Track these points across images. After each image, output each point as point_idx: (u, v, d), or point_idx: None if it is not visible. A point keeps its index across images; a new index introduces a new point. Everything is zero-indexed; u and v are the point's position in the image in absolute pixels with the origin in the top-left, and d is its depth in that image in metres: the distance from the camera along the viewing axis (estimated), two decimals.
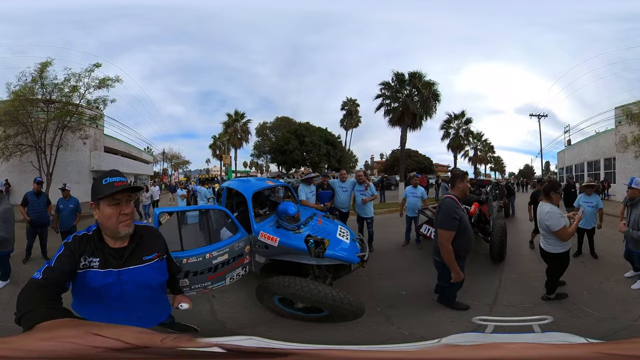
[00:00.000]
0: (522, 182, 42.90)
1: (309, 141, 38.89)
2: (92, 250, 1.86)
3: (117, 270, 1.88)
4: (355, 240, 5.20)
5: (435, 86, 22.13)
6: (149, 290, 2.05)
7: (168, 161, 51.92)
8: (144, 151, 37.15)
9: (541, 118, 32.78)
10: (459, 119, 34.30)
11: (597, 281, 5.61)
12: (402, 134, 22.06)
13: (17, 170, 17.02)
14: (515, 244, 8.03)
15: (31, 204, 7.08)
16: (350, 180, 7.88)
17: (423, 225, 7.62)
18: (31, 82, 15.34)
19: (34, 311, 1.39)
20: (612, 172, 24.07)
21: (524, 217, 9.03)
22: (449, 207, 3.98)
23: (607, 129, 26.12)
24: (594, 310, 4.41)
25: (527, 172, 63.78)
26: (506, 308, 4.66)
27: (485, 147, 43.98)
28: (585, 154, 29.21)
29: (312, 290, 3.82)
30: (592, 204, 6.68)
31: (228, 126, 39.09)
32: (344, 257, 4.48)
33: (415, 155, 46.09)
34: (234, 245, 4.46)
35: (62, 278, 1.74)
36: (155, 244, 2.11)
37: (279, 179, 25.70)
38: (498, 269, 6.36)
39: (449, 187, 4.46)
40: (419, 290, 5.35)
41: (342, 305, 3.80)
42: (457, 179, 4.26)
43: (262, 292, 4.26)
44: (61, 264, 1.77)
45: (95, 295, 1.88)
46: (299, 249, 4.37)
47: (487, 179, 13.63)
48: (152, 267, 2.03)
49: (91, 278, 1.84)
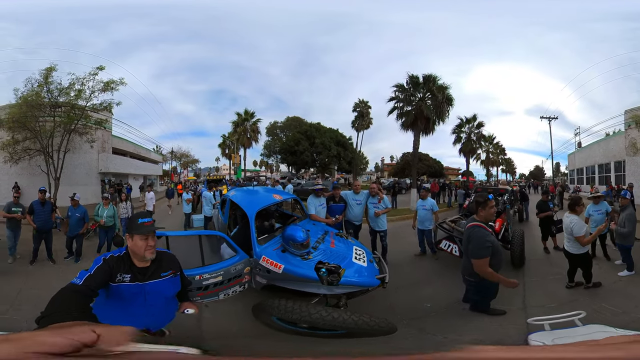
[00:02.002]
0: (533, 184, 42.42)
1: (320, 142, 38.64)
2: (125, 268, 2.43)
3: (142, 284, 2.47)
4: (372, 261, 4.86)
5: (448, 89, 21.59)
6: (163, 299, 2.63)
7: (177, 160, 51.86)
8: (152, 151, 36.95)
9: (551, 120, 32.08)
10: (470, 122, 33.76)
11: (611, 281, 6.14)
12: (415, 138, 21.47)
13: (26, 173, 17.00)
14: (531, 248, 8.11)
15: (37, 213, 7.71)
16: (364, 192, 7.47)
17: (443, 240, 7.29)
18: (37, 87, 15.43)
19: (57, 314, 1.74)
20: (623, 174, 23.95)
21: (537, 221, 9.22)
22: (480, 237, 3.88)
23: (616, 132, 26.23)
24: (611, 306, 5.00)
25: (537, 173, 63.21)
26: (537, 309, 4.82)
27: (497, 149, 43.50)
28: (596, 156, 29.26)
29: (324, 318, 3.55)
30: (600, 211, 7.26)
31: (237, 125, 38.88)
32: (362, 282, 4.23)
33: (425, 158, 45.74)
34: (230, 268, 4.30)
35: (97, 286, 2.23)
36: (170, 264, 2.71)
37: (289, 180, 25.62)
38: (520, 274, 6.61)
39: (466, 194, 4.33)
40: (444, 301, 5.35)
41: (366, 328, 3.51)
42: (480, 206, 4.16)
43: (258, 312, 4.05)
44: (99, 275, 2.27)
45: (124, 302, 2.43)
46: (309, 278, 4.04)
47: (503, 187, 13.48)
48: (168, 281, 2.63)
49: (124, 290, 2.40)
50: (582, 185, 31.06)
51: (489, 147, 41.51)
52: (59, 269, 7.47)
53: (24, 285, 6.26)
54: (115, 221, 8.77)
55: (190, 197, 13.25)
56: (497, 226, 7.28)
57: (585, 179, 31.65)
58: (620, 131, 25.03)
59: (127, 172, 26.34)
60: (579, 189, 30.14)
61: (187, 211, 12.51)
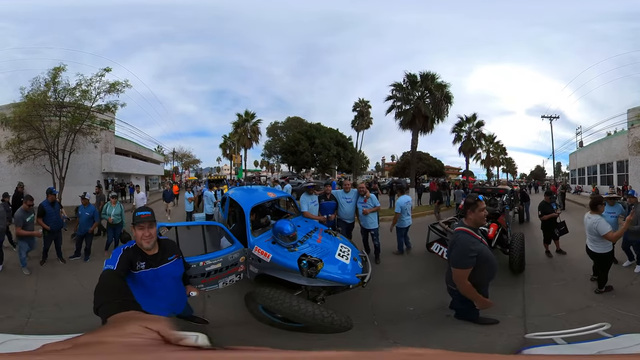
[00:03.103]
0: (534, 184, 42.42)
1: (320, 142, 38.85)
2: (139, 257, 2.82)
3: (156, 269, 2.87)
4: (357, 259, 5.05)
5: (447, 88, 21.59)
6: (173, 279, 3.05)
7: (179, 160, 52.18)
8: (154, 151, 37.33)
9: (553, 120, 32.14)
10: (470, 122, 33.75)
11: (622, 285, 5.85)
12: (413, 137, 21.59)
13: (30, 172, 17.09)
14: (532, 252, 7.80)
15: (49, 215, 7.72)
16: (353, 191, 7.68)
17: (434, 243, 7.11)
18: (44, 87, 15.48)
19: (110, 303, 1.91)
20: (625, 174, 23.79)
21: (539, 222, 8.75)
22: (463, 245, 3.46)
23: (618, 131, 26.02)
24: (629, 312, 4.75)
25: (538, 173, 63.13)
26: (540, 319, 4.61)
27: (497, 149, 43.51)
28: (597, 156, 29.03)
29: (292, 307, 3.91)
30: (614, 214, 7.11)
31: (238, 126, 39.15)
32: (339, 278, 4.42)
33: (426, 158, 45.81)
34: (228, 256, 4.74)
35: (126, 272, 2.61)
36: (173, 249, 3.15)
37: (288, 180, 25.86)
38: (519, 280, 6.30)
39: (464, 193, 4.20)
40: (430, 305, 5.13)
41: (321, 323, 3.82)
42: (469, 208, 3.69)
43: (249, 300, 4.47)
44: (124, 262, 2.62)
45: (147, 289, 2.81)
46: (291, 268, 4.40)
47: (502, 188, 12.87)
48: (174, 264, 3.05)
49: (144, 277, 2.80)
50: (584, 185, 31.02)
51: (490, 146, 41.50)
52: (69, 267, 7.59)
53: (37, 286, 6.30)
54: (122, 219, 8.98)
55: (193, 196, 13.54)
56: (490, 232, 6.91)
57: (586, 179, 31.47)
58: (623, 130, 24.94)
59: (130, 172, 26.60)
60: (581, 189, 30.12)
61: (190, 210, 12.89)
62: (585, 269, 6.24)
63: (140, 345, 0.71)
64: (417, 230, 8.62)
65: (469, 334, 3.91)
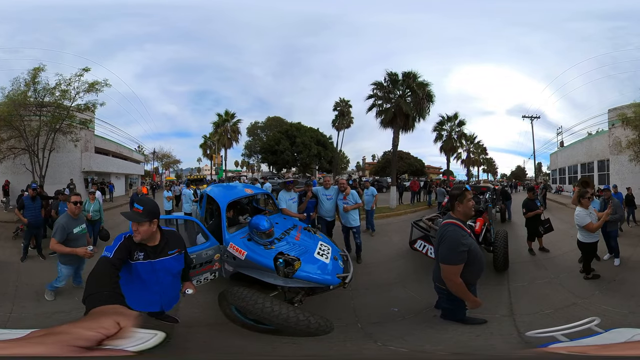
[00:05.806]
0: (514, 184, 42.99)
1: (300, 142, 38.64)
2: (139, 247, 2.74)
3: (153, 261, 2.77)
4: (337, 258, 4.83)
5: (429, 87, 21.54)
6: (170, 276, 2.94)
7: (159, 160, 51.35)
8: (135, 151, 36.75)
9: (534, 119, 32.65)
10: (451, 121, 33.93)
11: (606, 281, 6.01)
12: (395, 135, 21.56)
13: (10, 171, 17.12)
14: (515, 250, 7.79)
15: (28, 208, 7.89)
16: (334, 188, 7.50)
17: (418, 240, 6.96)
18: (24, 87, 15.71)
19: (96, 294, 1.98)
20: (606, 173, 23.90)
21: (521, 221, 8.82)
22: (453, 239, 3.15)
23: (599, 131, 26.20)
24: (613, 307, 4.84)
25: (519, 173, 63.94)
26: (528, 317, 4.60)
27: (478, 149, 43.98)
28: (578, 156, 29.16)
29: (265, 309, 3.62)
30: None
31: (218, 126, 38.50)
32: (318, 279, 4.18)
33: (407, 157, 46.05)
34: (202, 253, 4.61)
35: (122, 259, 2.57)
36: (177, 243, 3.00)
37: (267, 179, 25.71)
38: (504, 279, 6.27)
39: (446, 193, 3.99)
40: (416, 305, 5.02)
41: (295, 327, 3.54)
42: (456, 200, 3.36)
43: (221, 299, 4.19)
44: (123, 250, 2.61)
45: (142, 282, 2.75)
46: (267, 267, 4.17)
47: (485, 186, 12.92)
48: (174, 258, 2.92)
49: (140, 268, 2.73)
50: (565, 185, 31.19)
51: (470, 146, 41.90)
52: (49, 264, 7.18)
53: (18, 282, 6.26)
54: (101, 215, 8.94)
55: (171, 195, 13.50)
56: (477, 227, 6.68)
57: (567, 179, 31.53)
58: (603, 130, 25.05)
59: (110, 171, 26.43)
60: (562, 189, 30.56)
61: (168, 208, 12.88)
62: (568, 266, 6.38)
63: (70, 345, 0.76)
64: (399, 229, 8.55)
65: (458, 335, 3.67)
